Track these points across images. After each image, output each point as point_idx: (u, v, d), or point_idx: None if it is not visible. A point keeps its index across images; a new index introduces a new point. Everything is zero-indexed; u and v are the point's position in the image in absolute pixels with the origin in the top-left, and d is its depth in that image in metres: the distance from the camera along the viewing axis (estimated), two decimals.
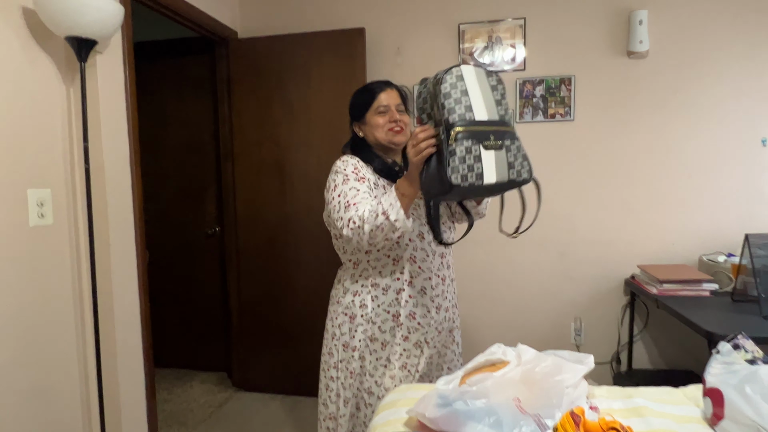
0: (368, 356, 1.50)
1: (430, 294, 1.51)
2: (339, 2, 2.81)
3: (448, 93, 1.10)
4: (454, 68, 1.13)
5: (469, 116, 1.10)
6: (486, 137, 1.10)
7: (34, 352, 1.68)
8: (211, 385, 3.08)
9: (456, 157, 1.08)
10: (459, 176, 1.07)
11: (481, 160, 1.09)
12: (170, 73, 3.12)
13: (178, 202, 3.18)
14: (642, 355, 2.67)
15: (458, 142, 1.08)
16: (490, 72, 1.21)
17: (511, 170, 1.15)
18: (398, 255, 1.48)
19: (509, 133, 1.16)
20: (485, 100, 1.14)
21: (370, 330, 1.49)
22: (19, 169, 1.62)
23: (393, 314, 1.49)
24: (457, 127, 1.08)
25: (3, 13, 1.56)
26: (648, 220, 2.61)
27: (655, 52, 2.53)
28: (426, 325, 1.51)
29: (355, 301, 1.50)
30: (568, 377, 1.15)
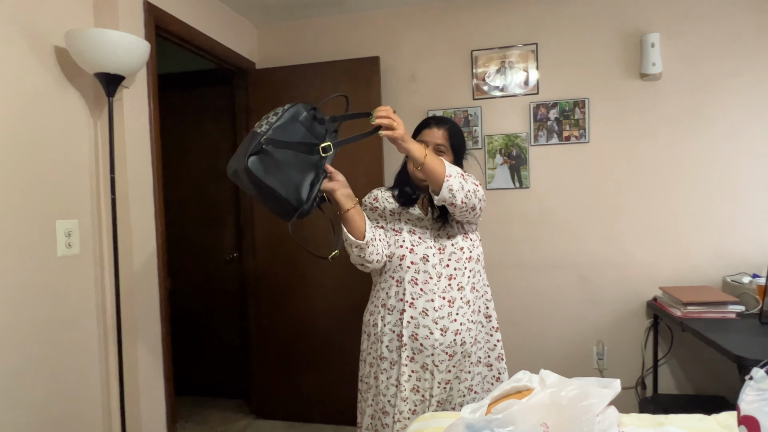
0: (381, 375, 1.54)
1: (433, 316, 1.51)
2: (353, 32, 2.89)
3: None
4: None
5: None
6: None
7: (59, 378, 1.70)
8: (229, 413, 3.06)
9: None
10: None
11: None
12: (190, 103, 3.21)
13: (198, 229, 3.22)
14: (668, 380, 2.60)
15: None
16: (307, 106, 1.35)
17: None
18: (401, 277, 1.53)
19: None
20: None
21: (379, 349, 1.55)
22: (49, 200, 1.67)
23: (398, 334, 1.53)
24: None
25: (37, 52, 1.64)
26: (668, 241, 2.58)
27: (669, 74, 2.54)
28: (429, 347, 1.50)
29: (370, 320, 1.60)
30: (595, 402, 1.12)
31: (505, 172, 2.74)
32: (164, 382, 2.09)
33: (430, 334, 1.50)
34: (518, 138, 2.71)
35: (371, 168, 2.74)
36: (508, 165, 2.73)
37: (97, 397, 1.86)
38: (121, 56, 1.68)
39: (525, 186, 2.72)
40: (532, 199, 2.72)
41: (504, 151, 2.73)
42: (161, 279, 2.08)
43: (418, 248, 1.53)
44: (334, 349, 2.76)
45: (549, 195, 2.70)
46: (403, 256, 1.52)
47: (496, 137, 2.74)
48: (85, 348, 1.81)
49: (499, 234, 2.76)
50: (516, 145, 2.72)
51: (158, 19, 2.10)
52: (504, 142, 2.73)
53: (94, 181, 1.87)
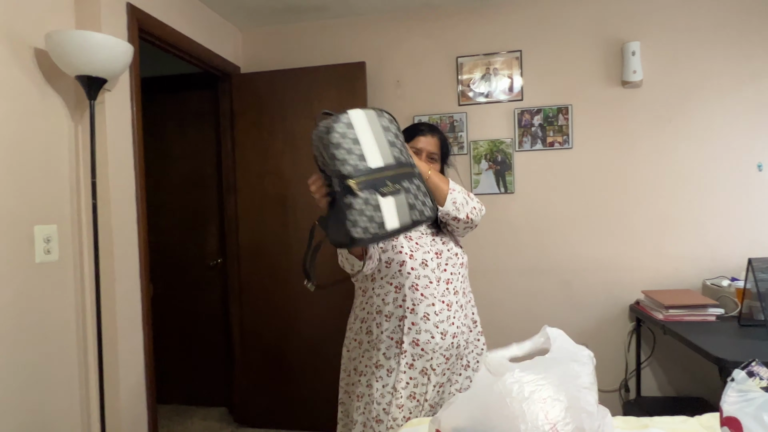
0: (375, 383, 1.52)
1: (434, 320, 1.52)
2: (339, 37, 2.89)
3: (339, 143, 1.05)
4: (342, 115, 1.07)
5: (363, 165, 1.05)
6: (382, 184, 1.06)
7: (37, 388, 1.65)
8: (212, 422, 3.01)
9: (354, 211, 1.03)
10: (360, 230, 1.03)
11: (380, 209, 1.05)
12: (173, 107, 3.17)
13: (181, 235, 3.18)
14: (650, 382, 2.64)
15: (354, 194, 1.03)
16: (381, 111, 1.15)
17: (413, 211, 1.10)
18: (400, 283, 1.52)
19: (406, 174, 1.12)
20: (378, 145, 1.10)
21: (375, 356, 1.52)
22: (26, 205, 1.63)
23: (396, 341, 1.51)
24: (351, 180, 1.03)
25: (15, 54, 1.60)
26: (650, 245, 2.62)
27: (649, 82, 2.59)
28: (430, 351, 1.51)
29: (362, 328, 1.56)
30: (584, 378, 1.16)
31: (490, 178, 2.76)
32: (146, 392, 2.05)
33: (431, 339, 1.51)
34: (503, 144, 2.74)
35: None
36: (493, 170, 2.76)
37: (77, 408, 1.81)
38: (104, 59, 1.65)
39: (510, 191, 2.74)
40: (517, 204, 2.75)
41: (489, 157, 2.76)
42: (143, 285, 2.04)
43: (417, 253, 1.53)
44: (318, 356, 2.74)
45: (533, 200, 2.73)
46: (403, 262, 1.51)
47: (482, 143, 2.76)
48: (65, 357, 1.76)
49: (483, 239, 2.78)
50: (501, 150, 2.74)
51: (141, 22, 2.07)
52: (489, 148, 2.75)
53: (75, 186, 1.83)
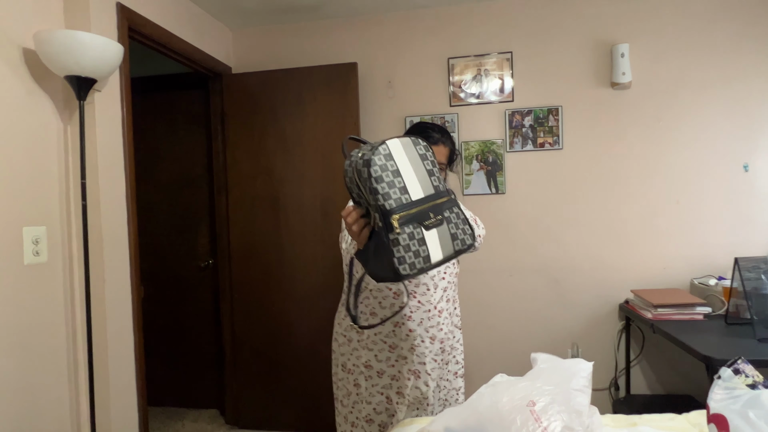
0: (363, 382, 1.53)
1: (426, 325, 1.54)
2: (331, 38, 2.89)
3: (380, 176, 1.00)
4: (380, 146, 1.03)
5: (406, 198, 1.02)
6: (425, 217, 1.03)
7: (26, 389, 1.63)
8: (203, 424, 3.00)
9: (400, 247, 0.99)
10: (407, 266, 0.99)
11: (425, 242, 1.02)
12: (163, 107, 3.15)
13: (171, 236, 3.15)
14: (640, 381, 2.67)
15: (399, 229, 0.99)
16: (417, 139, 1.11)
17: (455, 242, 1.08)
18: (399, 289, 1.51)
19: (446, 203, 1.09)
20: (418, 176, 1.06)
21: (365, 356, 1.53)
22: (15, 206, 1.61)
23: (390, 345, 1.51)
24: (396, 215, 0.99)
25: (2, 53, 1.59)
26: (639, 245, 2.65)
27: (638, 83, 2.62)
28: (421, 355, 1.53)
29: (353, 325, 1.56)
30: (582, 380, 1.19)
31: (482, 178, 2.77)
32: (137, 394, 2.03)
33: (422, 343, 1.53)
34: (494, 144, 2.75)
35: None
36: (484, 171, 2.77)
37: (66, 410, 1.79)
38: (94, 59, 1.64)
39: (501, 192, 2.76)
40: (508, 204, 2.76)
41: (480, 158, 2.77)
42: (134, 287, 2.03)
43: None
44: (310, 357, 2.74)
45: (524, 200, 2.75)
46: None
47: (473, 143, 2.77)
48: (54, 359, 1.75)
49: None
50: (492, 151, 2.76)
51: (131, 21, 2.06)
52: (480, 149, 2.77)
53: (64, 187, 1.81)
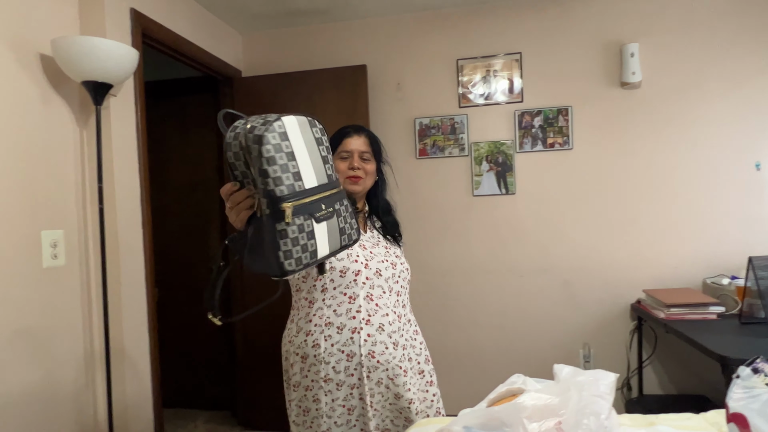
0: (323, 397, 1.42)
1: (388, 330, 1.45)
2: (340, 40, 2.91)
3: (272, 157, 0.86)
4: (276, 122, 0.88)
5: (299, 186, 0.90)
6: (318, 208, 0.93)
7: (45, 389, 1.65)
8: (215, 425, 3.01)
9: (288, 240, 0.88)
10: (293, 261, 0.89)
11: (314, 236, 0.92)
12: (175, 111, 3.18)
13: (183, 239, 3.18)
14: (652, 381, 2.66)
15: (290, 219, 0.88)
16: (313, 120, 0.98)
17: (343, 236, 1.00)
18: (354, 293, 1.43)
19: (337, 194, 1.00)
20: (313, 161, 0.94)
21: (323, 370, 1.42)
22: (33, 211, 1.64)
23: (348, 354, 1.42)
24: (287, 204, 0.87)
25: (21, 60, 1.61)
26: (650, 244, 2.65)
27: (648, 83, 2.62)
28: (385, 362, 1.43)
29: (308, 341, 1.44)
30: (605, 389, 1.18)
31: (492, 179, 2.78)
32: (152, 396, 2.05)
33: (385, 350, 1.43)
34: (504, 145, 2.76)
35: None
36: (494, 172, 2.77)
37: (84, 410, 1.81)
38: (110, 64, 1.66)
39: (511, 192, 2.76)
40: (518, 205, 2.77)
41: (490, 158, 2.77)
42: (149, 290, 2.05)
43: (372, 263, 1.46)
44: None
45: (534, 201, 2.75)
46: (359, 272, 1.43)
47: (482, 144, 2.78)
48: (72, 360, 1.77)
49: (485, 240, 2.80)
50: (502, 152, 2.76)
51: (145, 27, 2.08)
52: (490, 149, 2.77)
53: (81, 191, 1.84)
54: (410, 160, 2.86)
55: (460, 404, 1.67)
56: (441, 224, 2.84)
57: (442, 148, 2.82)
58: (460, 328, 2.83)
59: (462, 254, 2.83)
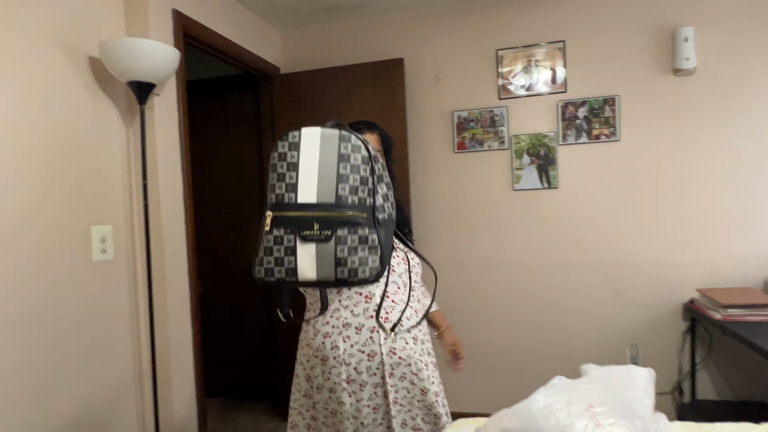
0: (347, 399, 1.41)
1: (407, 325, 1.42)
2: (377, 34, 2.89)
3: (274, 165, 0.90)
4: (294, 131, 0.91)
5: (290, 198, 0.88)
6: (308, 226, 0.88)
7: (94, 379, 1.73)
8: (257, 415, 3.09)
9: (264, 247, 0.89)
10: (263, 270, 0.89)
11: (295, 253, 0.88)
12: (216, 109, 3.25)
13: (226, 234, 3.26)
14: (707, 385, 2.51)
15: (268, 228, 0.89)
16: (349, 135, 0.92)
17: (339, 268, 0.88)
18: (370, 292, 1.41)
19: (348, 220, 0.89)
20: (321, 177, 0.89)
21: (345, 372, 1.40)
22: (84, 207, 1.71)
23: (368, 353, 1.40)
24: (269, 211, 0.89)
25: (71, 62, 1.68)
26: (705, 241, 2.49)
27: (703, 69, 2.45)
28: (407, 358, 1.41)
29: (326, 344, 1.41)
30: (640, 384, 1.13)
31: (533, 173, 2.69)
32: (195, 385, 2.12)
33: (406, 345, 1.42)
34: (546, 137, 2.66)
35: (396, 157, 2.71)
36: (535, 165, 2.68)
37: (132, 399, 1.89)
38: (153, 64, 1.71)
39: (554, 186, 2.66)
40: (561, 199, 2.67)
41: (531, 151, 2.69)
42: (192, 283, 2.11)
43: None
44: None
45: (579, 195, 2.64)
46: None
47: (523, 137, 2.69)
48: (120, 351, 1.85)
49: (526, 235, 2.71)
50: (544, 144, 2.67)
51: (186, 27, 2.13)
52: (531, 142, 2.68)
53: (128, 188, 1.91)
54: (448, 155, 2.81)
55: (498, 403, 1.63)
56: (480, 220, 2.78)
57: (481, 141, 2.75)
58: (499, 326, 2.77)
59: (502, 250, 2.76)
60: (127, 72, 1.70)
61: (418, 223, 2.83)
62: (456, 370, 1.66)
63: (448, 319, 1.71)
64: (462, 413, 2.66)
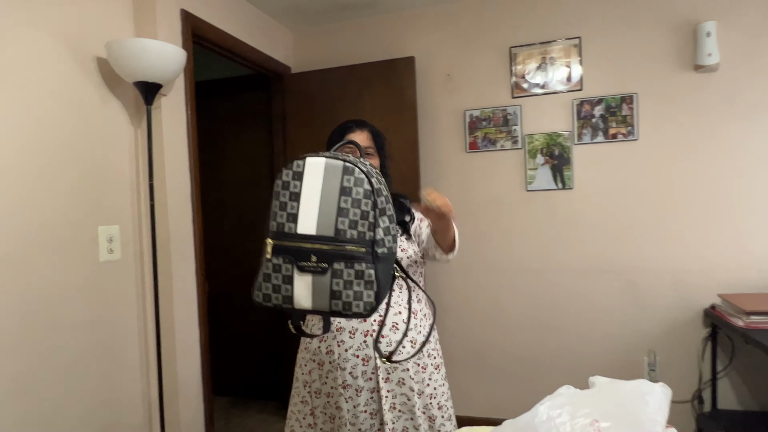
0: (344, 404, 1.39)
1: (403, 329, 1.39)
2: (388, 33, 2.85)
3: (277, 192, 0.92)
4: (299, 160, 0.92)
5: (289, 227, 0.90)
6: (305, 257, 0.89)
7: (101, 378, 1.74)
8: (267, 415, 3.09)
9: (261, 273, 0.93)
10: (262, 295, 0.93)
11: (291, 282, 0.90)
12: (229, 109, 3.27)
13: (239, 234, 3.27)
14: (728, 394, 2.41)
15: (270, 256, 0.91)
16: (353, 167, 0.91)
17: (334, 300, 0.90)
18: None
19: (345, 254, 0.90)
20: (322, 210, 0.91)
21: (341, 377, 1.39)
22: (91, 207, 1.72)
23: (363, 358, 1.38)
24: (269, 239, 0.92)
25: (80, 63, 1.69)
26: (727, 244, 2.39)
27: (726, 65, 2.35)
28: (404, 362, 1.38)
29: (321, 348, 1.42)
30: (652, 401, 1.07)
31: (547, 173, 2.62)
32: (202, 383, 2.12)
33: (402, 349, 1.38)
34: (561, 137, 2.59)
35: (407, 157, 2.68)
36: (549, 165, 2.62)
37: (138, 395, 1.90)
38: (158, 65, 1.71)
39: (568, 187, 2.59)
40: (576, 200, 2.59)
41: (545, 151, 2.62)
42: (199, 283, 2.11)
43: None
44: None
45: (594, 196, 2.57)
46: None
47: (537, 136, 2.63)
48: (127, 350, 1.86)
49: (540, 237, 2.65)
50: (558, 144, 2.60)
51: (195, 27, 2.14)
52: (545, 142, 2.62)
53: (135, 188, 1.92)
54: (460, 154, 2.76)
55: (510, 407, 1.59)
56: (492, 221, 2.73)
57: (494, 140, 2.70)
58: (512, 330, 2.71)
59: (515, 252, 2.70)
60: (133, 72, 1.71)
61: None
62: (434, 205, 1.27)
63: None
64: (473, 417, 2.64)
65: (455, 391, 1.50)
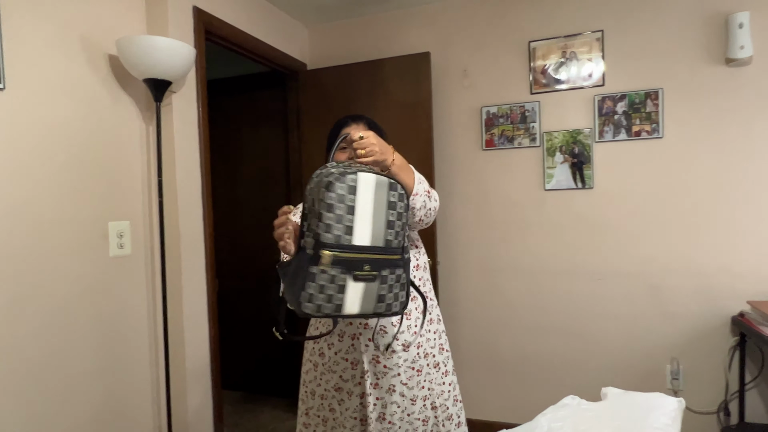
0: (337, 407, 1.38)
1: (392, 332, 1.34)
2: (403, 28, 2.81)
3: (333, 206, 0.92)
4: (351, 175, 0.94)
5: (346, 240, 0.93)
6: (359, 266, 0.94)
7: (110, 373, 1.77)
8: (280, 411, 3.10)
9: (314, 285, 0.91)
10: (313, 306, 0.92)
11: (344, 291, 0.93)
12: (245, 106, 3.28)
13: (254, 231, 3.28)
14: (757, 407, 2.28)
15: (323, 267, 0.91)
16: (395, 184, 1.00)
17: (379, 304, 0.98)
18: None
19: (391, 262, 0.99)
20: (374, 222, 0.96)
21: (333, 380, 1.38)
22: (102, 203, 1.74)
23: (351, 361, 1.35)
24: (326, 251, 0.91)
25: (90, 60, 1.71)
26: (757, 247, 2.26)
27: (761, 58, 2.22)
28: (395, 367, 1.34)
29: (315, 349, 1.41)
30: (661, 416, 1.01)
31: (566, 172, 2.53)
32: (211, 380, 2.13)
33: (393, 353, 1.34)
34: (581, 134, 2.50)
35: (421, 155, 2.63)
36: (569, 163, 2.53)
37: (147, 392, 1.92)
38: (166, 62, 1.72)
39: (588, 186, 2.50)
40: (597, 200, 2.50)
41: (565, 149, 2.53)
42: (209, 280, 2.12)
43: None
44: None
45: (616, 196, 2.47)
46: None
47: (556, 134, 2.54)
48: (136, 345, 1.88)
49: (558, 238, 2.56)
50: (578, 141, 2.50)
51: (208, 24, 2.14)
52: (565, 139, 2.53)
53: (146, 184, 1.93)
54: (476, 152, 2.70)
55: (526, 412, 1.53)
56: (509, 221, 2.65)
57: (511, 138, 2.62)
58: (529, 333, 2.63)
59: (532, 254, 2.62)
60: (143, 69, 1.72)
61: (442, 223, 2.73)
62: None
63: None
64: (488, 421, 2.58)
65: (469, 395, 1.44)
